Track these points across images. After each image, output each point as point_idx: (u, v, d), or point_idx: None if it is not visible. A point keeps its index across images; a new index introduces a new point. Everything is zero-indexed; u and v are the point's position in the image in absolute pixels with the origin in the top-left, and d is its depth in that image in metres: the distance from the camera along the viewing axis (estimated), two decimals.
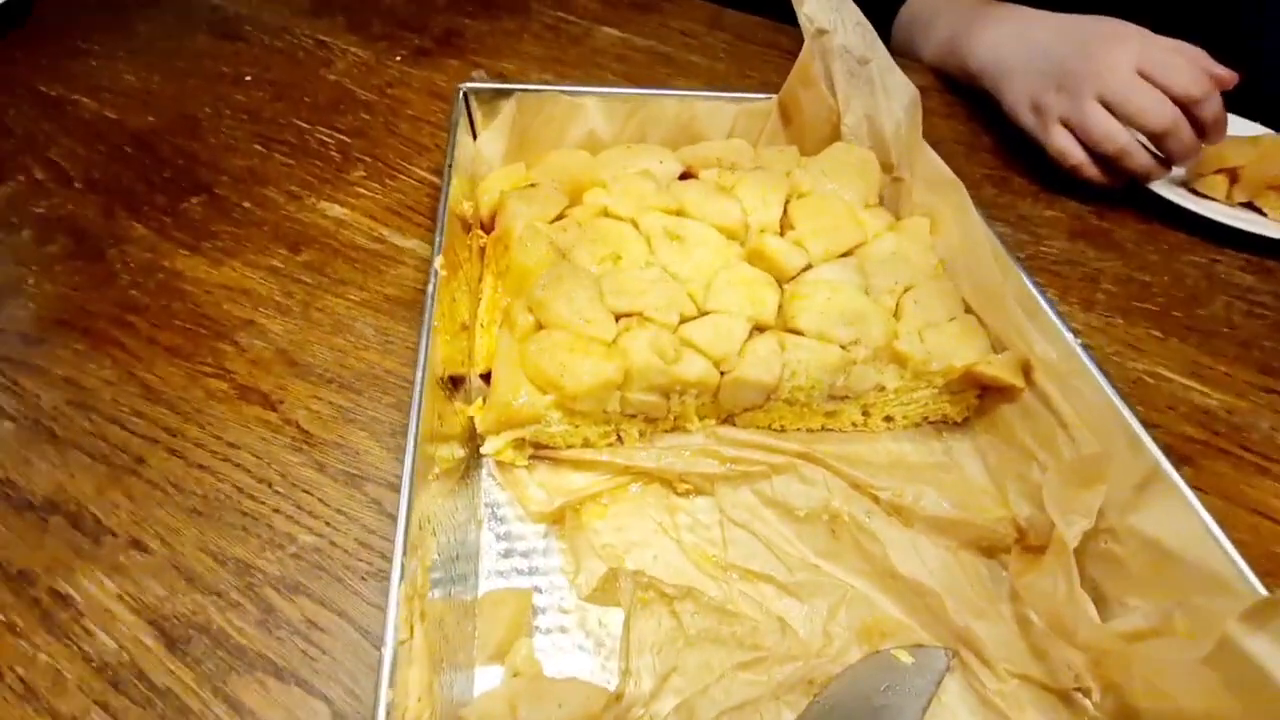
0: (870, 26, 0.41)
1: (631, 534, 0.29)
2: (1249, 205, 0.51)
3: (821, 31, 0.41)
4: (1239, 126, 0.54)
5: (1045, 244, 0.48)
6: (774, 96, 0.44)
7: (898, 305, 0.34)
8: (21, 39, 0.55)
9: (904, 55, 0.66)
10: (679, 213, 0.36)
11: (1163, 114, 0.46)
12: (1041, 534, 0.28)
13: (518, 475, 0.31)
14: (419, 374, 0.27)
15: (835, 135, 0.43)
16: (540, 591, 0.27)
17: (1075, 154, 0.50)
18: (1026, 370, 0.32)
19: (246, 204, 0.43)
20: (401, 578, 0.21)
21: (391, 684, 0.19)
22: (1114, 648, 0.23)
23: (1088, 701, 0.26)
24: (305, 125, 0.50)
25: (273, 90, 0.53)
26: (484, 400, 0.31)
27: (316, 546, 0.28)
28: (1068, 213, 0.51)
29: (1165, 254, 0.49)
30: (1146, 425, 0.27)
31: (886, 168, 0.42)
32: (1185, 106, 0.47)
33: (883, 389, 0.32)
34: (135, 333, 0.35)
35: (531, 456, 0.31)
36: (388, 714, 0.18)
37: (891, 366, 0.32)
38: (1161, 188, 0.50)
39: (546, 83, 0.55)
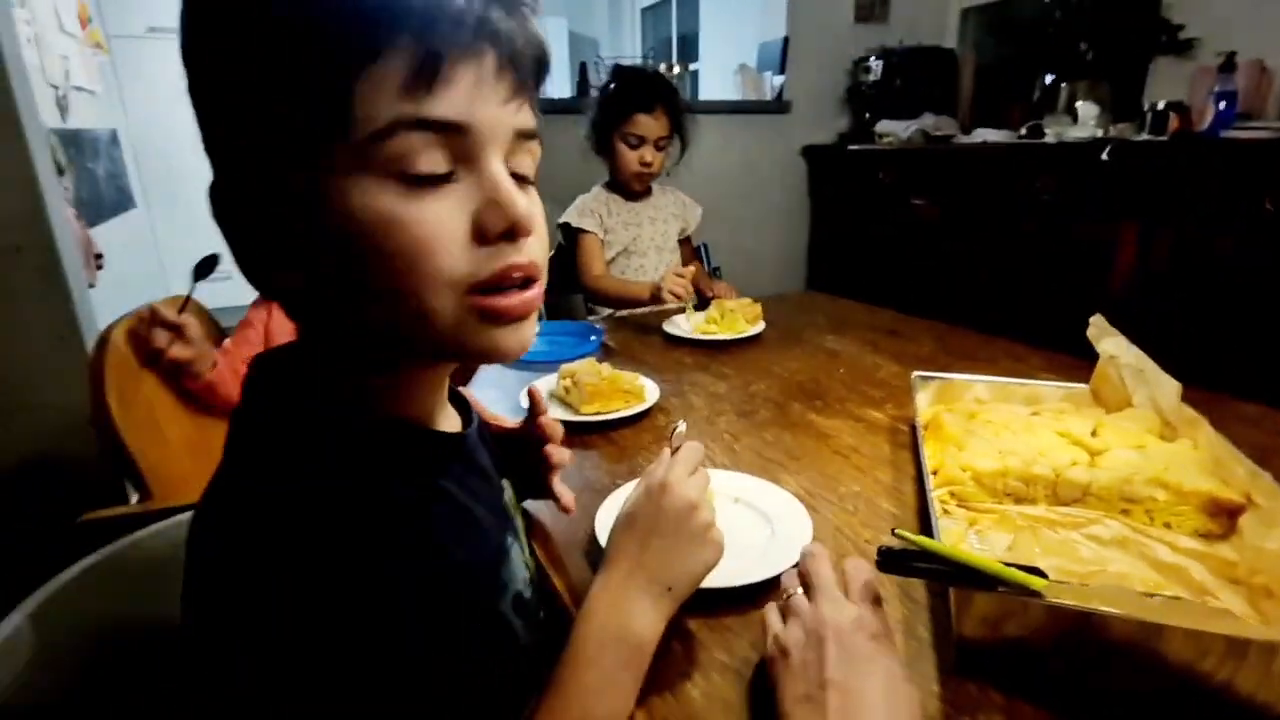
0: (1144, 355, 0.78)
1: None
2: None
3: (1112, 356, 0.80)
4: None
5: None
6: (1086, 385, 0.82)
7: (1165, 467, 0.65)
8: None
9: None
10: (1029, 424, 0.75)
11: None
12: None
13: (949, 506, 0.67)
14: (922, 456, 0.68)
15: (1128, 406, 0.78)
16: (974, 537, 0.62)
17: None
18: (1248, 495, 0.59)
19: (848, 406, 0.94)
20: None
21: None
22: (1268, 564, 0.49)
23: None
24: (865, 388, 1.03)
25: (852, 374, 1.09)
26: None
27: (859, 495, 0.68)
28: None
29: None
30: None
31: (1164, 424, 0.74)
32: None
33: (1155, 499, 0.62)
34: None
35: (957, 504, 0.68)
36: None
37: (1161, 489, 0.63)
38: None
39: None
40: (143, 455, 0.84)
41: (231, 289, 0.59)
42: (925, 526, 0.63)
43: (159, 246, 3.20)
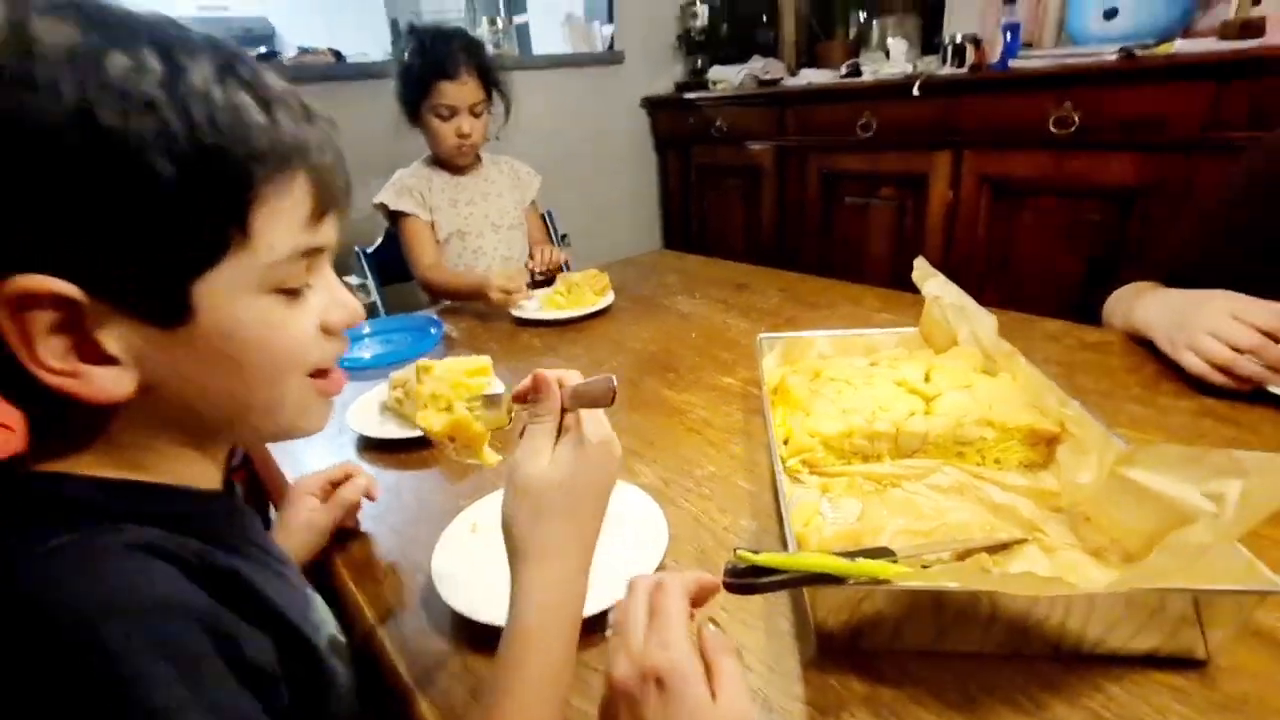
0: (964, 292, 0.81)
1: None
2: None
3: (936, 296, 0.83)
4: None
5: (1170, 417, 0.72)
6: (916, 328, 0.84)
7: (990, 405, 0.67)
8: None
9: (1108, 327, 0.98)
10: (869, 376, 0.75)
11: (1249, 337, 0.72)
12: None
13: (801, 475, 0.66)
14: (770, 431, 0.66)
15: (953, 344, 0.81)
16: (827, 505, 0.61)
17: (1199, 365, 0.75)
18: (1061, 424, 0.63)
19: (700, 375, 0.91)
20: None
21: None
22: (1082, 495, 0.52)
23: (1110, 556, 0.52)
24: (717, 352, 1.00)
25: (704, 338, 1.06)
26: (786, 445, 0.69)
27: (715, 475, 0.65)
28: (1199, 405, 0.74)
29: (1275, 428, 0.68)
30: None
31: (986, 358, 0.78)
32: (1266, 334, 0.71)
33: (985, 439, 0.65)
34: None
35: (809, 472, 0.67)
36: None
37: (988, 428, 0.65)
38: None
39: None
40: None
41: None
42: (779, 498, 0.61)
43: None
